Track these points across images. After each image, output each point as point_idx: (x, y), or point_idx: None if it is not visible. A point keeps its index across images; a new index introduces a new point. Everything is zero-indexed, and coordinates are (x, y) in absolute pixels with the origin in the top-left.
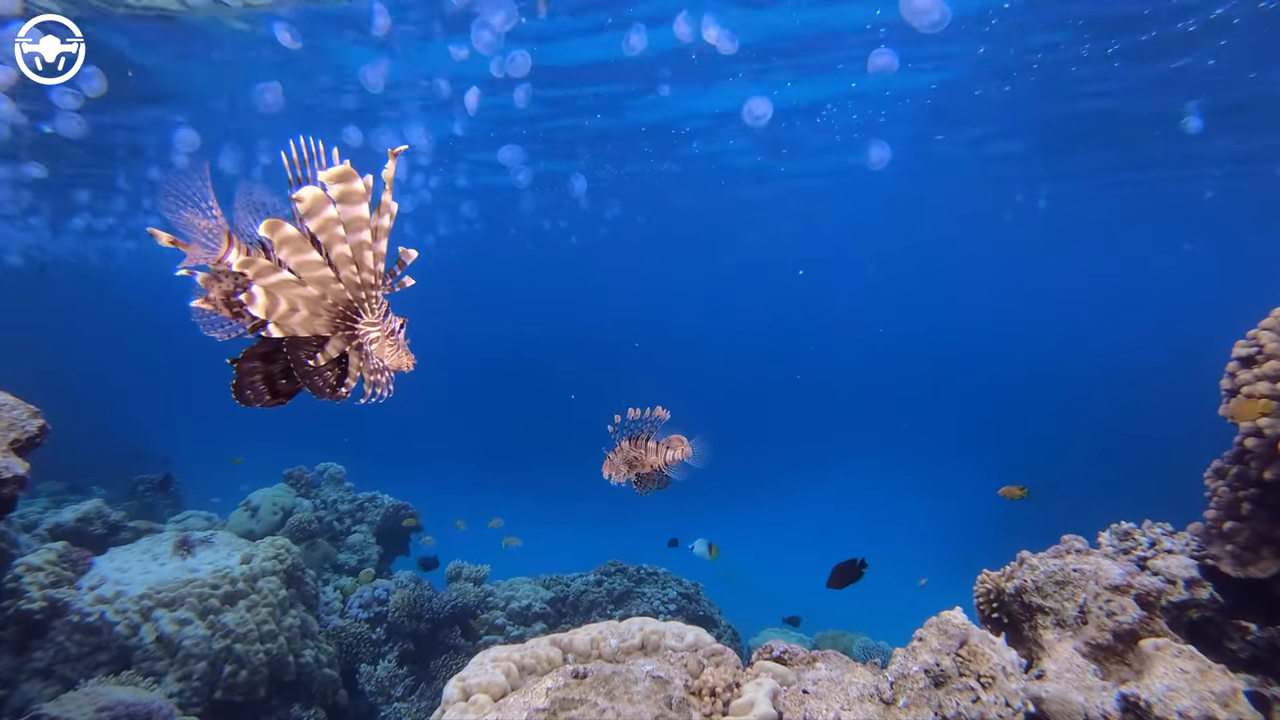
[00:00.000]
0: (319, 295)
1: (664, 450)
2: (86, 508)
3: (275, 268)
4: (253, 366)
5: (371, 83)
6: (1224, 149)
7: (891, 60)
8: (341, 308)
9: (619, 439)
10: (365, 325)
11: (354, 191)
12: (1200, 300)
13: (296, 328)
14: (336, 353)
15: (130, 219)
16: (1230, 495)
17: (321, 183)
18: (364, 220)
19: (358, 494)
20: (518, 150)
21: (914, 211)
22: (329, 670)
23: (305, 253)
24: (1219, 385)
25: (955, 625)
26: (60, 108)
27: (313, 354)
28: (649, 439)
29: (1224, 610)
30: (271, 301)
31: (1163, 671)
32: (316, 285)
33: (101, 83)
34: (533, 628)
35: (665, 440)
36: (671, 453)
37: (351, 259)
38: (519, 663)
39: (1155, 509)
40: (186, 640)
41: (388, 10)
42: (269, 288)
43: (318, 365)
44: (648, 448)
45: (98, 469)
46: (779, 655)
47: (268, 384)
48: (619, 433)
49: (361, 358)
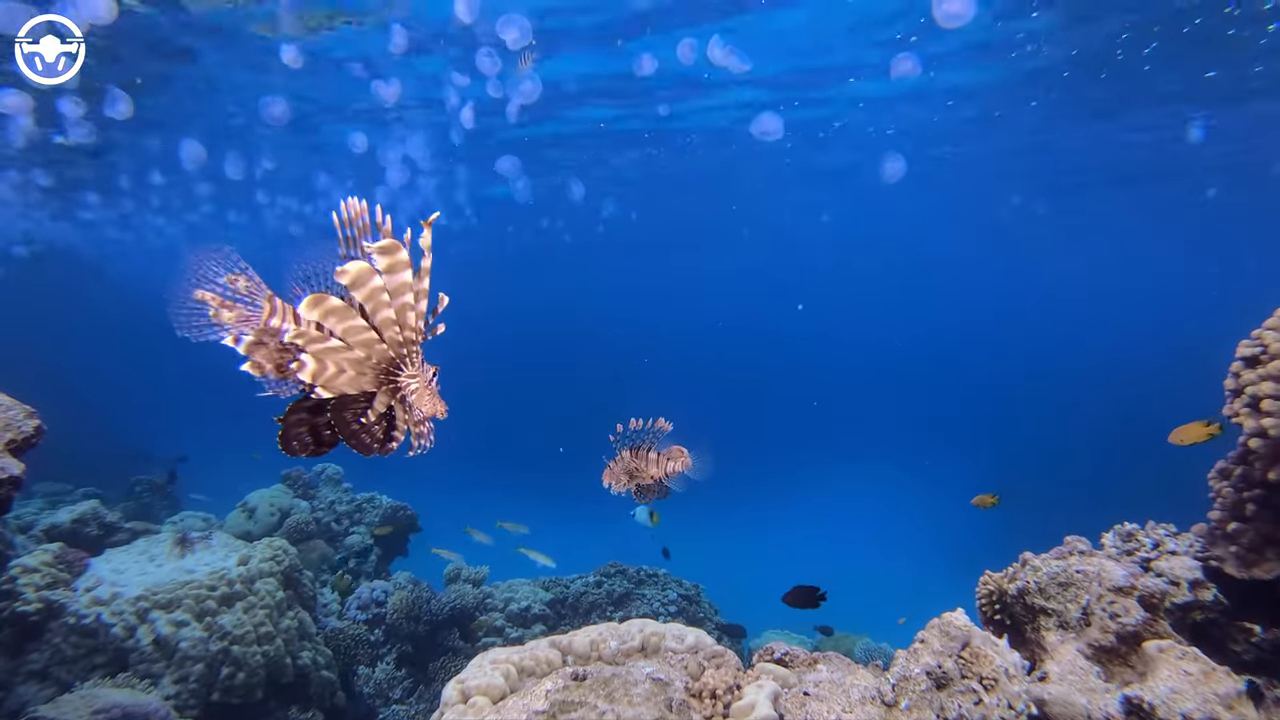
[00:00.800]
0: (364, 356)
1: (665, 461)
2: (83, 509)
3: (323, 336)
4: (299, 419)
5: (384, 97)
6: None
7: (914, 65)
8: (385, 364)
9: (620, 448)
10: (406, 378)
11: (399, 262)
12: (1203, 298)
13: (344, 388)
14: (384, 408)
15: (130, 214)
16: (1234, 496)
17: (369, 255)
18: (407, 285)
19: (356, 495)
20: (515, 161)
21: (916, 210)
22: (327, 672)
23: (350, 319)
24: (1223, 385)
25: (958, 627)
26: (70, 118)
27: (360, 412)
28: (650, 449)
29: (1228, 612)
30: (320, 366)
31: (1166, 674)
32: (362, 348)
33: (128, 105)
34: (532, 629)
35: (666, 451)
36: (672, 464)
37: (395, 321)
38: (518, 665)
39: (1159, 510)
40: (183, 642)
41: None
42: (317, 354)
43: (366, 423)
44: (649, 458)
45: (95, 469)
46: (780, 657)
47: (313, 435)
48: (620, 442)
49: (405, 409)
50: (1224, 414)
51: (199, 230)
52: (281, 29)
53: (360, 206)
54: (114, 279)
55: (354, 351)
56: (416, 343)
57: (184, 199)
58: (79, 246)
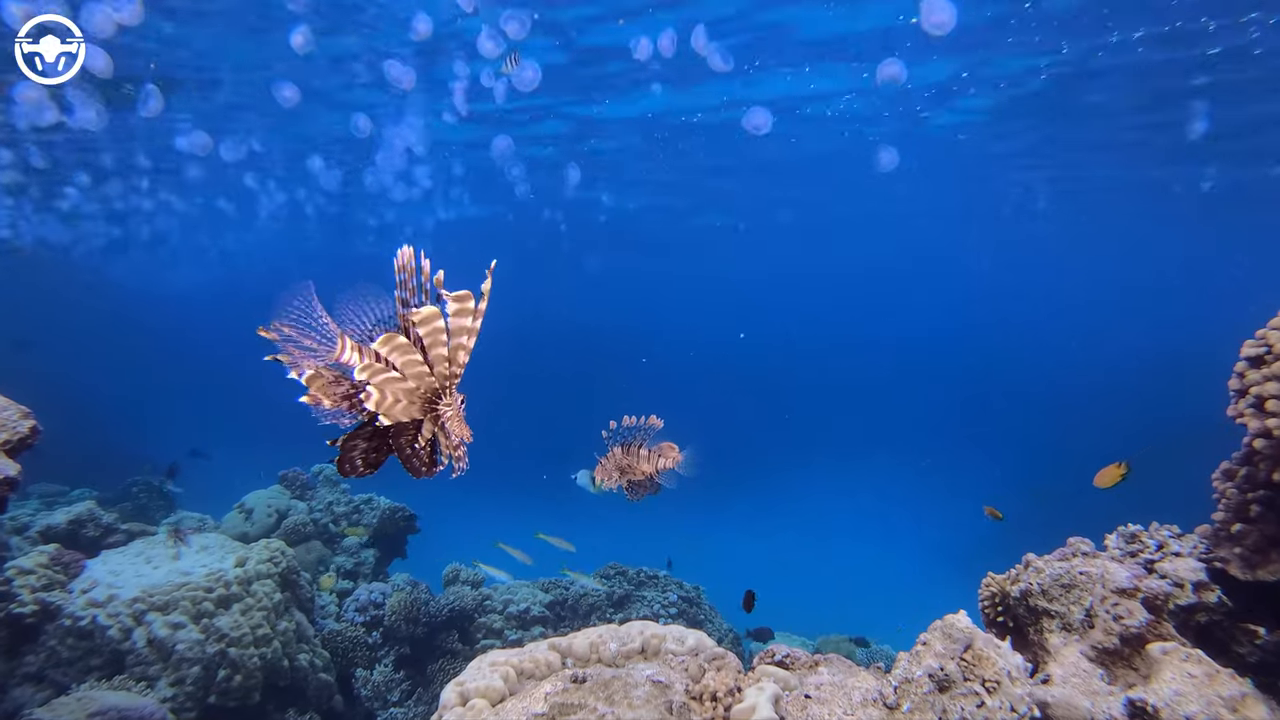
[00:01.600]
0: (415, 387)
1: (655, 458)
2: (79, 510)
3: (386, 369)
4: (354, 445)
5: (396, 78)
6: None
7: (900, 71)
8: (429, 394)
9: (613, 445)
10: (444, 405)
11: (466, 309)
12: (1204, 298)
13: (399, 416)
14: (430, 434)
15: (123, 202)
16: (1239, 497)
17: (444, 300)
18: (467, 329)
19: (354, 496)
20: (508, 142)
21: (917, 211)
22: (325, 675)
23: (411, 354)
24: (1227, 385)
25: (960, 629)
26: (76, 104)
27: (413, 439)
28: (641, 446)
29: (1232, 614)
30: (381, 396)
31: (1170, 676)
32: (415, 379)
33: (159, 101)
34: (531, 631)
35: (657, 448)
36: (663, 460)
37: (447, 357)
38: (517, 667)
39: (1162, 511)
40: (180, 644)
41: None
42: (379, 385)
43: (417, 449)
44: (640, 455)
45: (91, 470)
46: (781, 659)
47: (364, 458)
48: (613, 439)
49: (444, 435)
50: (1228, 414)
51: (190, 220)
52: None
53: (409, 253)
54: (107, 276)
55: (408, 383)
56: (458, 376)
57: (176, 188)
58: (67, 240)
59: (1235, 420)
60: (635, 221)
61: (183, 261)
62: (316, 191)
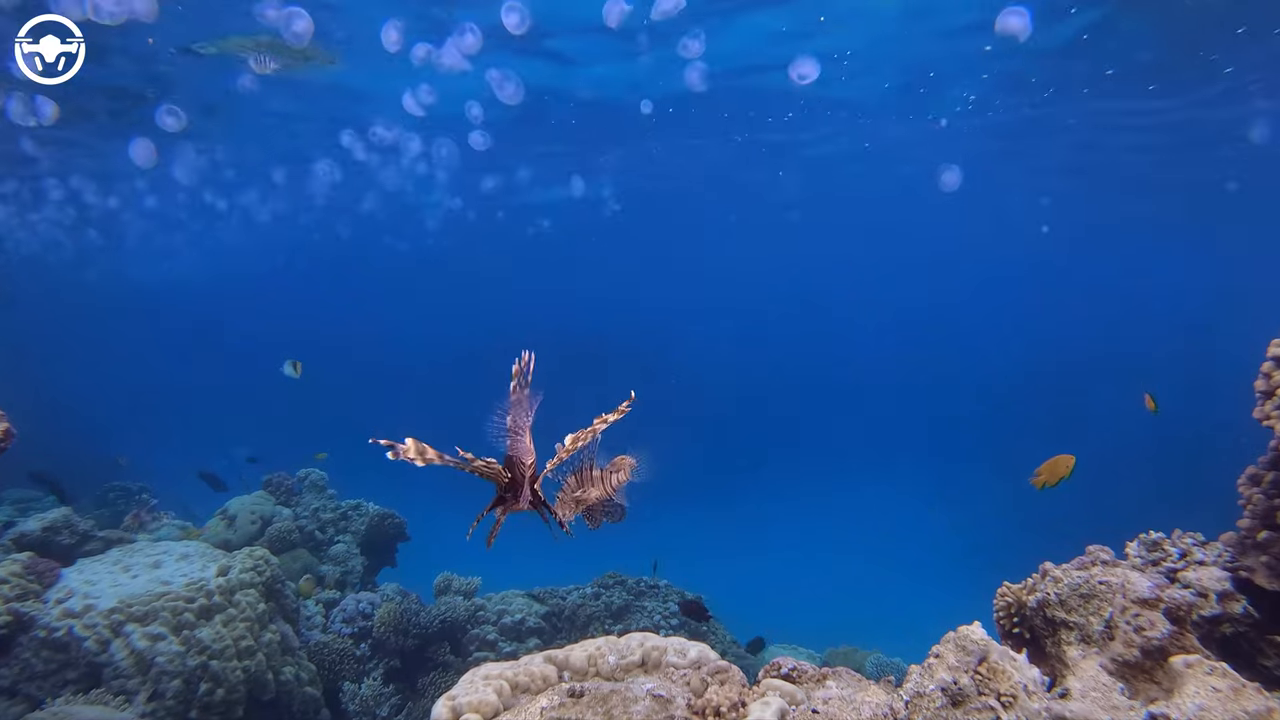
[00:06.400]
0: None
1: (610, 475)
2: (54, 516)
3: (535, 478)
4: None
5: (411, 107)
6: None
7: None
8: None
9: (562, 477)
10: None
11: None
12: (1229, 299)
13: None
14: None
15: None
16: (1265, 503)
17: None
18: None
19: (341, 502)
20: (486, 136)
21: (921, 210)
22: (311, 689)
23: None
24: (1253, 386)
25: (974, 641)
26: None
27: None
28: (592, 468)
29: (1258, 625)
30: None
31: (1194, 690)
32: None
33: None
34: (526, 643)
35: (610, 464)
36: (617, 475)
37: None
38: (512, 680)
39: (1185, 518)
40: (160, 657)
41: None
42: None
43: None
44: (592, 478)
45: (66, 475)
46: (787, 673)
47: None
48: (562, 470)
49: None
50: (1254, 416)
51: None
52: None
53: (527, 358)
54: (81, 276)
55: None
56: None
57: (162, 191)
58: (48, 243)
59: (1262, 423)
60: (635, 218)
61: (159, 259)
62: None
